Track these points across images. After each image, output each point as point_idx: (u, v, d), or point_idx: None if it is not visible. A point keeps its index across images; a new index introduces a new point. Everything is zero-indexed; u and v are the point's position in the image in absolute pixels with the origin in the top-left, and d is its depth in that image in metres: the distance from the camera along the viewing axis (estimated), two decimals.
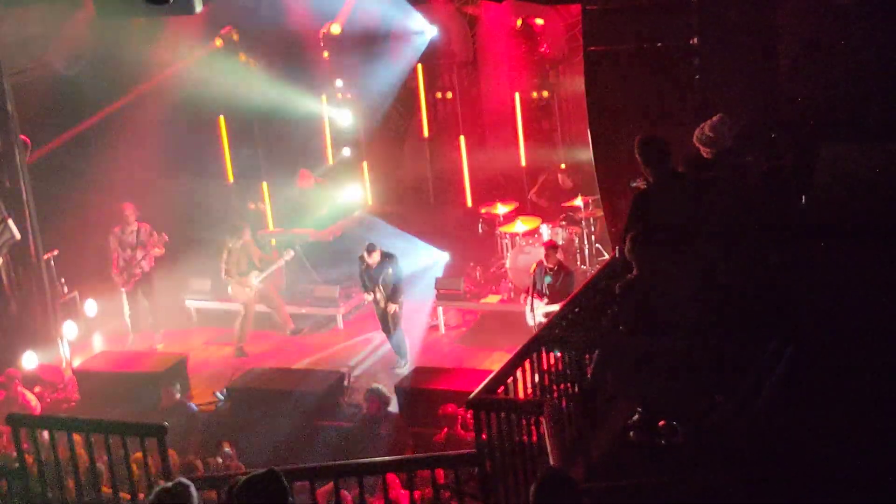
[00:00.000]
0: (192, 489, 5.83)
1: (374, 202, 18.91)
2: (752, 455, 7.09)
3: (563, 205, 16.62)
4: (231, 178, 18.89)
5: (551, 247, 14.17)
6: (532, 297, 13.91)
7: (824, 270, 8.39)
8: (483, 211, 17.44)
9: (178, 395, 13.28)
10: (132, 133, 16.94)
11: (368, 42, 18.33)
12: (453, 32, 18.69)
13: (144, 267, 15.98)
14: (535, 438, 7.70)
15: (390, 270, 14.53)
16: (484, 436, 7.92)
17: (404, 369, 14.28)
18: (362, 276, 14.81)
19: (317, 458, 11.38)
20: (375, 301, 14.73)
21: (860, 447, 6.88)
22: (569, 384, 8.67)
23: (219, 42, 17.36)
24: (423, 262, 17.27)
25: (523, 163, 18.09)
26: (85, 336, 15.90)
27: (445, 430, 11.52)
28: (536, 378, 8.58)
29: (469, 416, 11.35)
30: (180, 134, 17.53)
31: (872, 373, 7.34)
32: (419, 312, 15.95)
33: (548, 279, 13.99)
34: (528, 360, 8.52)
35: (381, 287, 14.54)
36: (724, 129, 9.06)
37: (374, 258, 14.50)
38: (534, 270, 14.14)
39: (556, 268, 14.00)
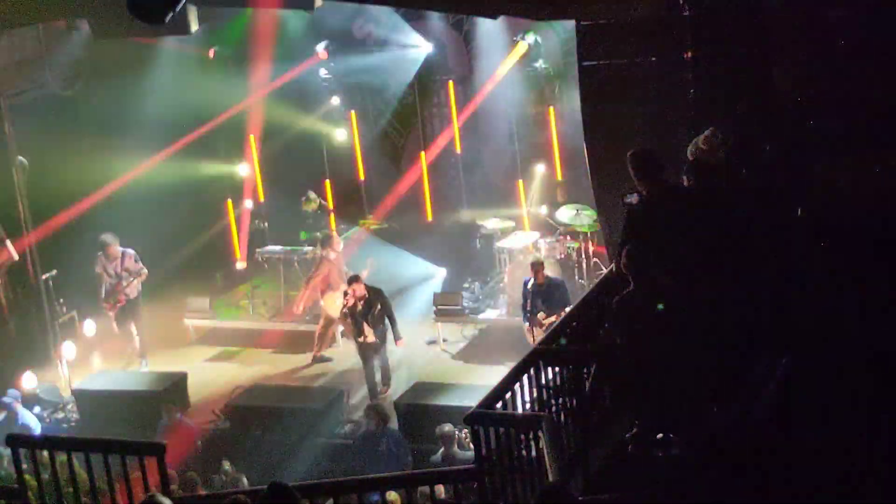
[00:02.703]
0: (162, 501, 5.87)
1: (371, 218, 18.93)
2: (749, 466, 7.10)
3: (559, 219, 16.65)
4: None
5: (537, 264, 14.14)
6: (531, 314, 13.96)
7: (820, 281, 8.41)
8: (480, 226, 17.46)
9: (177, 414, 13.29)
10: (129, 153, 16.97)
11: (365, 59, 18.41)
12: (449, 48, 18.75)
13: (130, 293, 15.63)
14: (533, 453, 7.72)
15: (379, 306, 14.10)
16: (483, 451, 7.94)
17: (385, 395, 14.15)
18: (349, 316, 14.27)
19: (316, 475, 11.41)
20: (361, 339, 14.15)
21: (858, 457, 6.90)
22: (567, 398, 8.68)
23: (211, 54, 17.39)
24: (421, 277, 17.28)
25: (520, 178, 18.11)
26: (84, 356, 15.89)
27: (443, 448, 11.49)
28: (535, 393, 8.59)
29: (465, 434, 11.40)
30: (179, 150, 17.58)
31: (868, 383, 7.36)
32: (418, 328, 15.96)
33: (539, 300, 14.00)
34: (526, 374, 8.53)
35: (370, 325, 14.04)
36: (717, 142, 9.11)
37: (360, 291, 14.02)
38: (524, 290, 14.17)
39: (545, 283, 14.00)
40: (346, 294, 14.13)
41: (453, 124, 18.83)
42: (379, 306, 14.10)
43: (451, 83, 18.83)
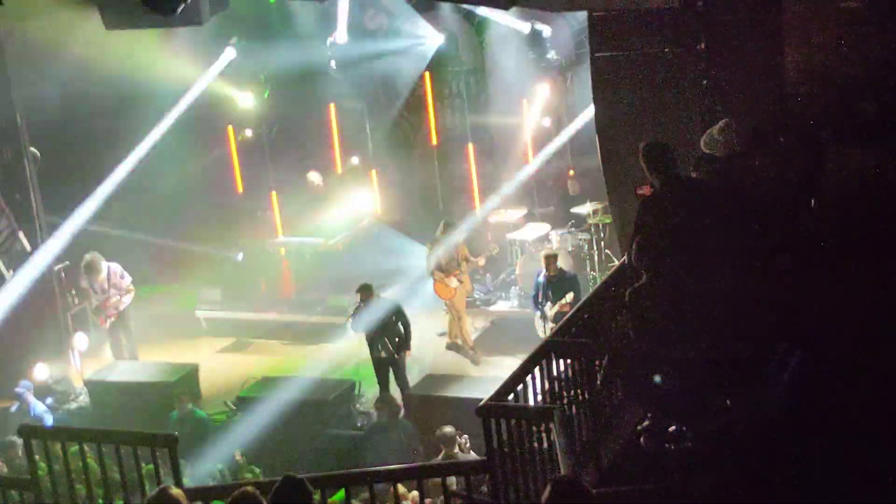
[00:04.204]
0: (175, 493, 5.88)
1: (382, 210, 18.91)
2: (761, 460, 7.08)
3: (571, 211, 16.64)
4: (240, 189, 18.94)
5: (550, 256, 14.17)
6: (541, 305, 13.98)
7: (833, 274, 8.36)
8: (492, 218, 17.44)
9: (189, 405, 13.31)
10: (141, 144, 16.97)
11: (376, 51, 18.38)
12: (461, 40, 18.72)
13: (119, 306, 15.27)
14: (545, 445, 7.71)
15: (393, 318, 13.65)
16: (495, 443, 7.93)
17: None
18: (359, 318, 13.74)
19: (327, 467, 11.41)
20: (375, 353, 13.74)
21: (869, 451, 6.87)
22: (579, 391, 8.66)
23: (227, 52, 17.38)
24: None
25: (532, 169, 18.09)
26: (96, 347, 15.90)
27: (443, 450, 11.42)
28: (546, 385, 8.58)
29: (465, 440, 11.36)
30: (189, 143, 17.60)
31: (882, 376, 7.32)
32: (429, 320, 15.94)
33: (550, 292, 14.00)
34: (537, 366, 8.52)
35: (385, 337, 13.62)
36: (732, 133, 9.07)
37: (372, 301, 13.64)
38: (535, 282, 14.19)
39: (557, 276, 14.01)
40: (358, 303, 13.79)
41: (465, 115, 18.82)
42: (394, 318, 13.68)
43: (462, 74, 18.81)
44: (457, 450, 11.36)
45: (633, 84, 11.33)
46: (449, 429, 11.40)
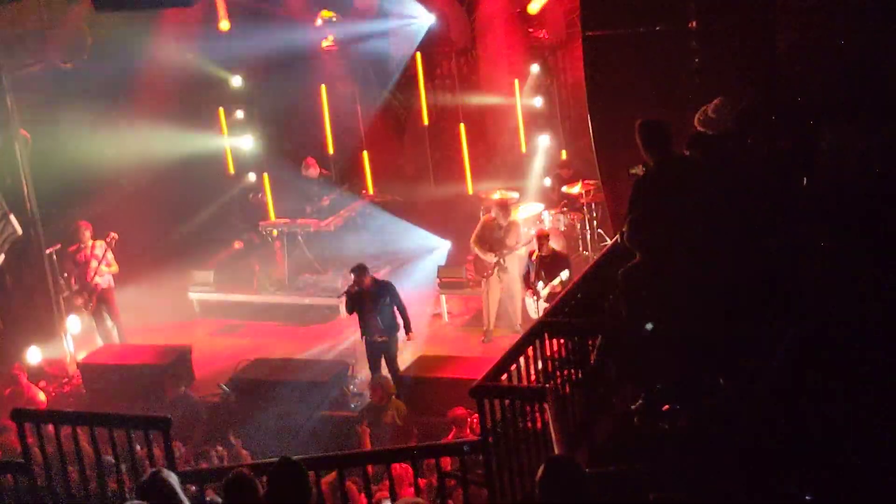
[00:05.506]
0: (167, 476, 5.87)
1: (374, 191, 18.87)
2: (755, 438, 7.08)
3: (563, 191, 16.62)
4: (231, 170, 18.90)
5: (542, 236, 14.18)
6: (533, 285, 13.99)
7: (826, 252, 8.37)
8: (484, 198, 17.41)
9: (182, 387, 13.29)
10: (132, 125, 16.92)
11: (366, 30, 18.32)
12: (451, 19, 18.65)
13: (102, 284, 15.23)
14: (539, 425, 7.71)
15: (388, 300, 13.45)
16: (488, 423, 7.93)
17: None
18: (352, 298, 13.51)
19: (321, 448, 11.42)
20: (368, 335, 13.57)
21: (863, 429, 6.88)
22: (572, 370, 8.67)
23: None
24: (424, 250, 17.26)
25: (524, 149, 18.06)
26: (88, 330, 15.87)
27: (454, 431, 11.40)
28: (540, 365, 8.58)
29: (477, 420, 11.34)
30: (181, 124, 17.54)
31: (875, 354, 7.33)
32: (422, 301, 15.94)
33: (542, 271, 13.99)
34: (531, 346, 8.52)
35: (378, 319, 13.43)
36: (725, 111, 9.07)
37: (366, 282, 13.39)
38: (527, 262, 14.21)
39: (549, 256, 14.02)
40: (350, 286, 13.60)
41: (456, 96, 18.77)
42: (388, 300, 13.48)
43: (453, 54, 18.76)
44: (468, 430, 11.35)
45: (625, 63, 11.31)
46: (461, 410, 11.37)
